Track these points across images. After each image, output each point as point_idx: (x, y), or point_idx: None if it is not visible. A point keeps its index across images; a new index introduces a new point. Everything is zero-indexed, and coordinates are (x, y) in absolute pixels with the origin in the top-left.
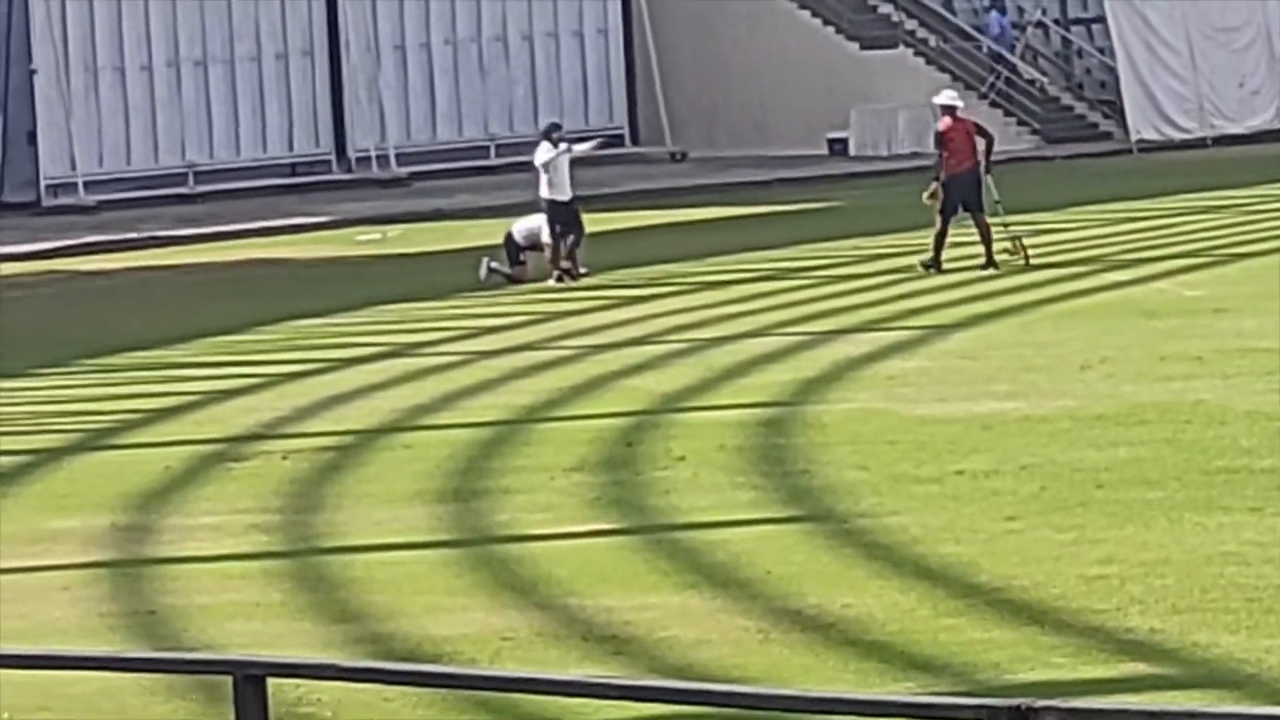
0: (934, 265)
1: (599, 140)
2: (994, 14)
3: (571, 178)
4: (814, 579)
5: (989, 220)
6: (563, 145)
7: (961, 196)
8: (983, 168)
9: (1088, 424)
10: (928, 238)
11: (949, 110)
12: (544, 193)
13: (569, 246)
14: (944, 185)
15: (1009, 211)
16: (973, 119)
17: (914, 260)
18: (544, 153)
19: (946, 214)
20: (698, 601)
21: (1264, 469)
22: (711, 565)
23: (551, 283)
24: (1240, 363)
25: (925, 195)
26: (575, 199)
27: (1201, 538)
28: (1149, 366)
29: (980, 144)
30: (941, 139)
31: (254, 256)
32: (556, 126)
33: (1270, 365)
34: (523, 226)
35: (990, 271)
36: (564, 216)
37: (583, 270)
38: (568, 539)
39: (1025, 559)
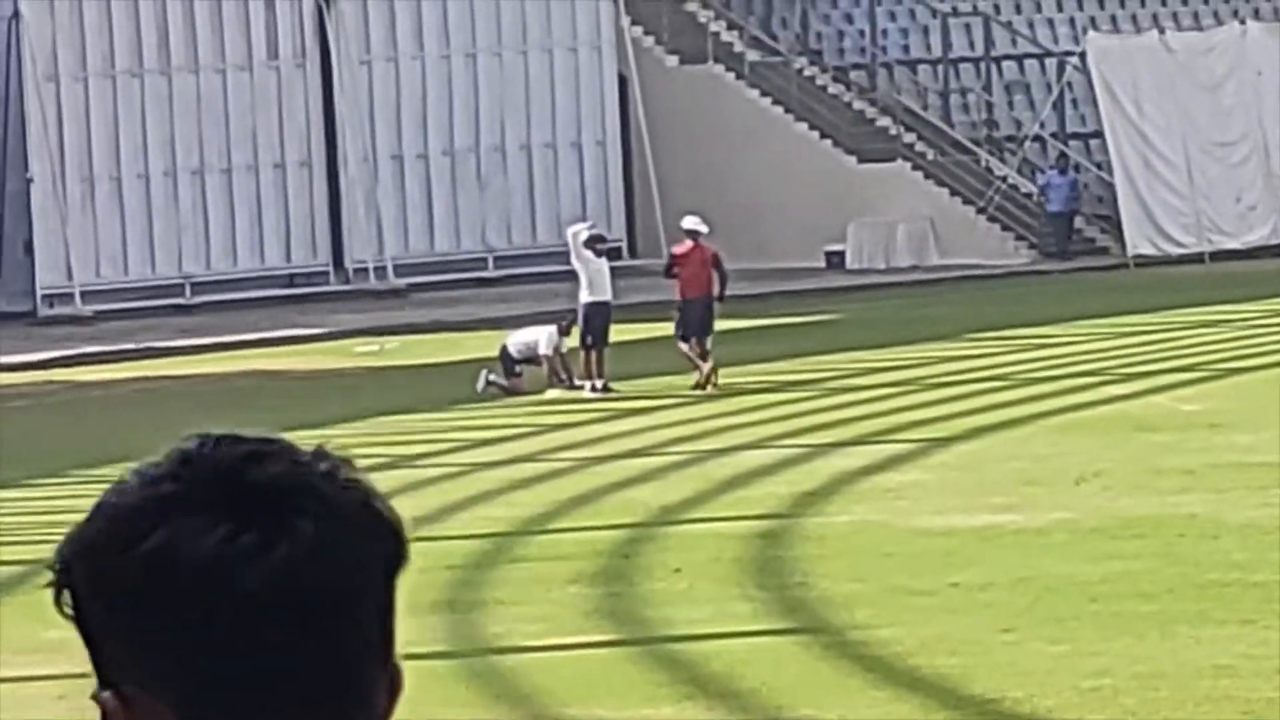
0: (705, 384)
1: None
2: (1052, 172)
3: (612, 282)
4: (809, 690)
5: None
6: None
7: (692, 321)
8: (715, 297)
9: (1083, 537)
10: (925, 351)
11: (692, 235)
12: (584, 296)
13: (599, 354)
14: (679, 308)
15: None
16: (713, 250)
17: (906, 375)
18: (583, 256)
19: (686, 337)
20: (694, 713)
21: (1256, 583)
22: (707, 676)
23: (588, 393)
24: (1234, 477)
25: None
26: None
27: (1195, 650)
28: (1144, 480)
29: (715, 276)
30: (673, 261)
31: (251, 368)
32: (601, 238)
33: (1264, 480)
34: (518, 340)
35: (698, 393)
36: (602, 319)
37: (578, 383)
38: (564, 650)
39: (1020, 671)
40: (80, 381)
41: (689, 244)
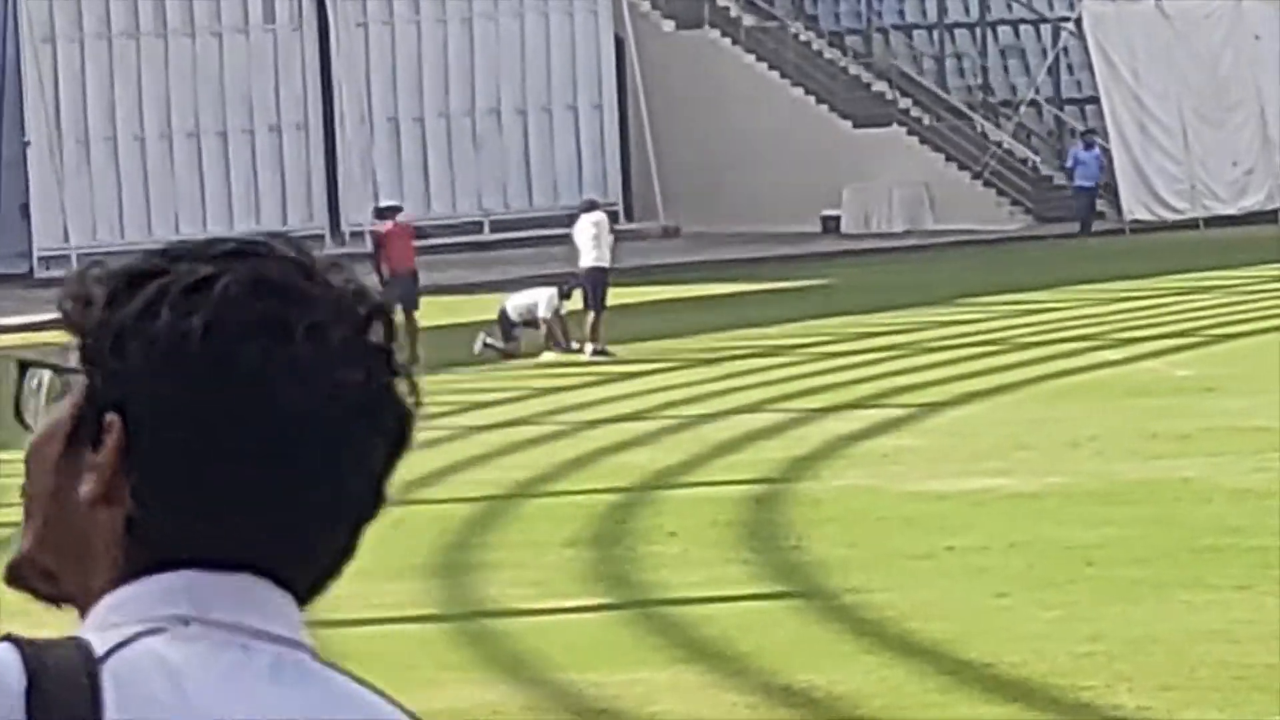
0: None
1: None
2: (1078, 148)
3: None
4: (803, 654)
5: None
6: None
7: (399, 295)
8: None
9: (1077, 502)
10: (919, 316)
11: (390, 213)
12: (591, 261)
13: (596, 318)
14: (385, 284)
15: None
16: (412, 226)
17: (900, 340)
18: (591, 227)
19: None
20: (688, 676)
21: (1251, 547)
22: (701, 640)
23: (588, 355)
24: (1229, 442)
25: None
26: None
27: (1189, 616)
28: (1138, 445)
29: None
30: (380, 242)
31: None
32: (594, 204)
33: (1258, 444)
34: (517, 302)
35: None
36: (605, 283)
37: (575, 346)
38: (558, 614)
39: (1013, 636)
40: None
41: (389, 224)
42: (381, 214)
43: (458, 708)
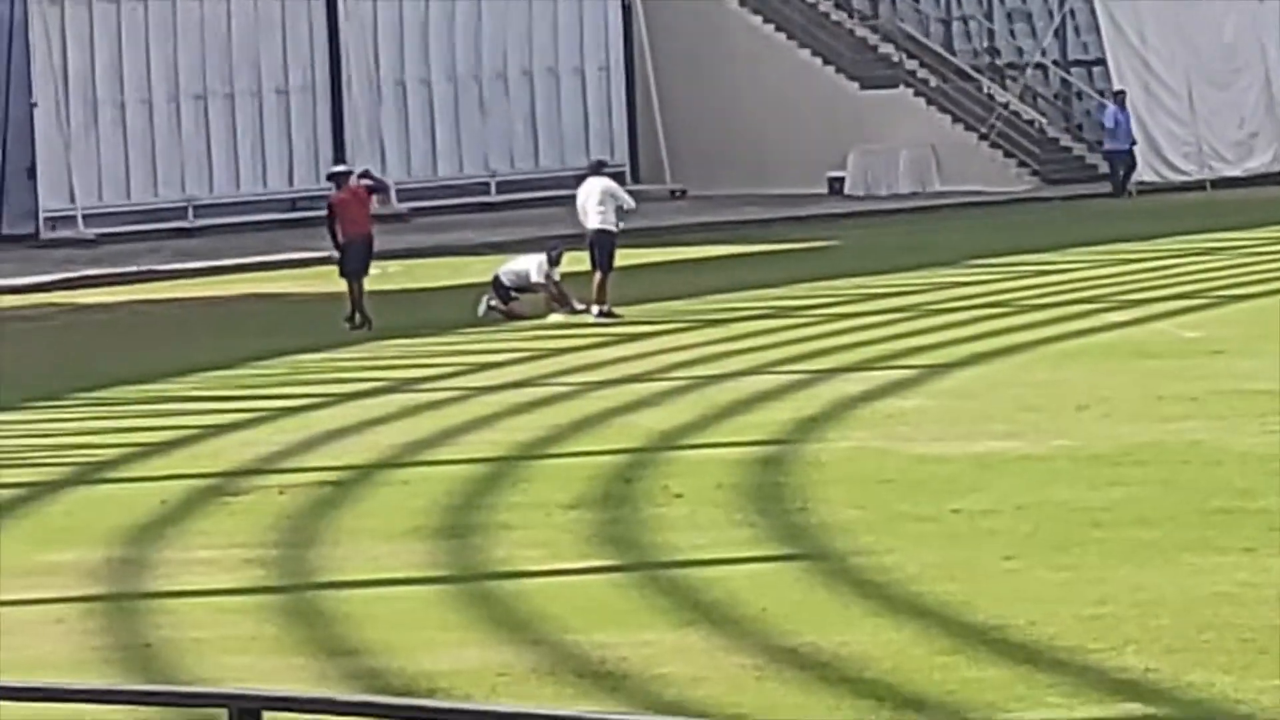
0: (362, 322)
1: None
2: (1111, 107)
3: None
4: (810, 616)
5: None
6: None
7: (353, 259)
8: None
9: (1085, 464)
10: (926, 278)
11: (342, 178)
12: (596, 223)
13: (603, 279)
14: (341, 249)
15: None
16: (363, 186)
17: (908, 301)
18: (605, 190)
19: (349, 276)
20: (694, 639)
21: (1259, 509)
22: (708, 603)
23: (594, 316)
24: (1237, 404)
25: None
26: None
27: (1197, 578)
28: (1146, 407)
29: (373, 201)
30: (333, 209)
31: (253, 291)
32: (602, 164)
33: (1266, 406)
34: (509, 270)
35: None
36: (612, 245)
37: (579, 307)
38: (564, 575)
39: (1021, 598)
40: (81, 304)
41: (342, 191)
42: (334, 179)
43: (463, 669)
